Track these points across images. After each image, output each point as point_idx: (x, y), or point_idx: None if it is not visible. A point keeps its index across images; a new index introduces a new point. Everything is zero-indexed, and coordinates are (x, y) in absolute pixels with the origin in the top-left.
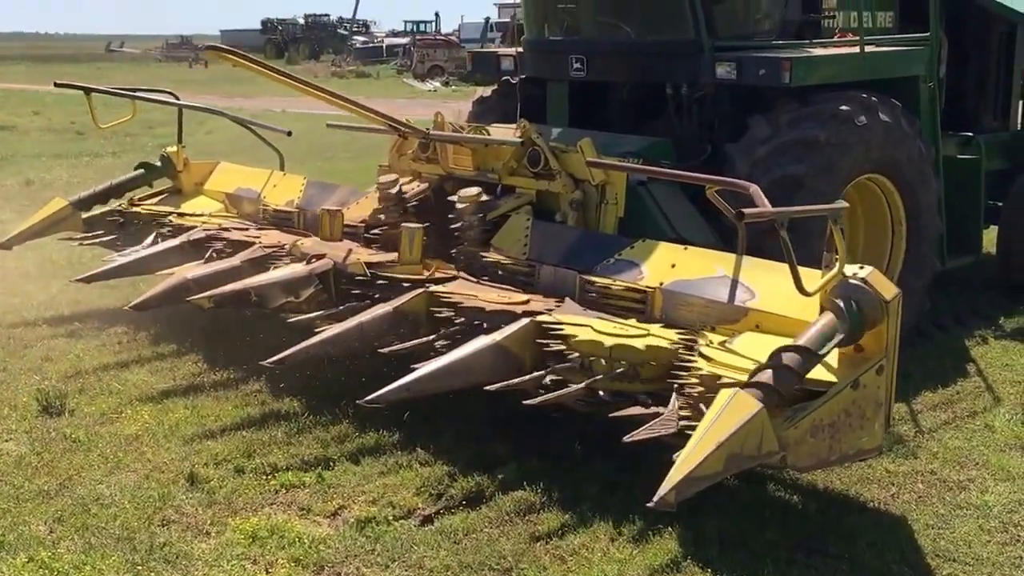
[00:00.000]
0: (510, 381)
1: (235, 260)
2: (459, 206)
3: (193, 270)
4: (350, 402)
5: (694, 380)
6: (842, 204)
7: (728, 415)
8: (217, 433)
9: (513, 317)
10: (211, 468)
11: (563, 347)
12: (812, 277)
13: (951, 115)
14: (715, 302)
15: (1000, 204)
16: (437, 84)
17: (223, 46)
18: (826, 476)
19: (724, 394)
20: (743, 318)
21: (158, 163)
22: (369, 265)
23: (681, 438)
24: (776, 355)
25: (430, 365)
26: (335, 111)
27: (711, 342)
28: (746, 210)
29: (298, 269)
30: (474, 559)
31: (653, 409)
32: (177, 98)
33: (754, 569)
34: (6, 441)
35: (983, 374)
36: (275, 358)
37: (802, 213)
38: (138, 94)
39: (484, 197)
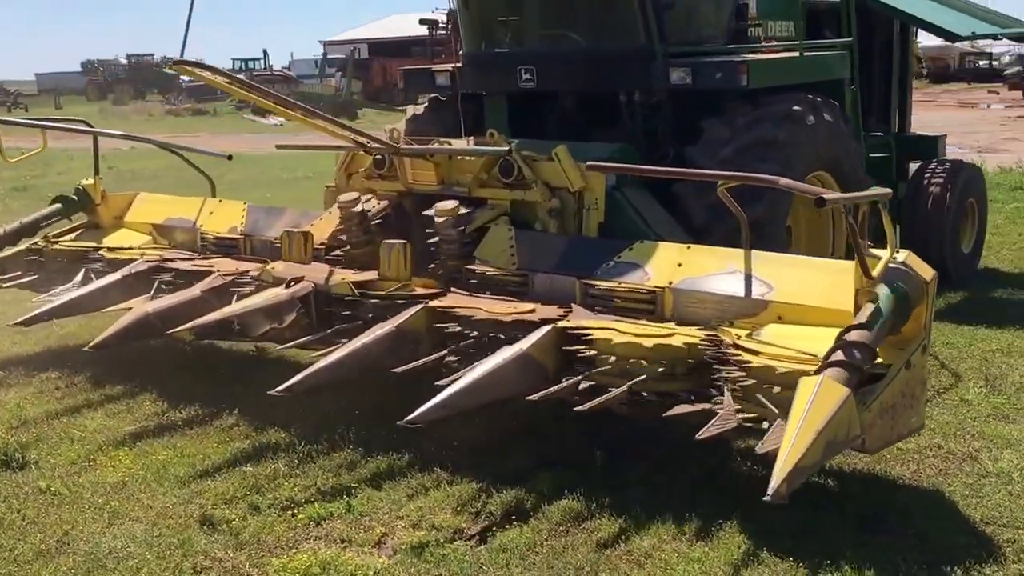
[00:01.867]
0: (550, 389)
1: (195, 291)
2: (437, 220)
3: (152, 304)
4: (343, 428)
5: (743, 374)
6: (887, 190)
7: (820, 403)
8: (212, 472)
9: (533, 326)
10: (222, 508)
11: (594, 352)
12: (842, 265)
13: None
14: (733, 297)
15: None
16: (281, 120)
17: (190, 60)
18: (846, 460)
19: (808, 382)
20: (763, 311)
21: (74, 197)
22: (356, 285)
23: (740, 432)
24: (843, 339)
25: (463, 380)
26: (242, 145)
27: (740, 336)
28: (827, 196)
29: (279, 294)
30: (552, 573)
31: (700, 406)
32: (91, 127)
33: (833, 553)
34: None
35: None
36: (283, 387)
37: (861, 199)
38: (50, 124)
39: (462, 210)
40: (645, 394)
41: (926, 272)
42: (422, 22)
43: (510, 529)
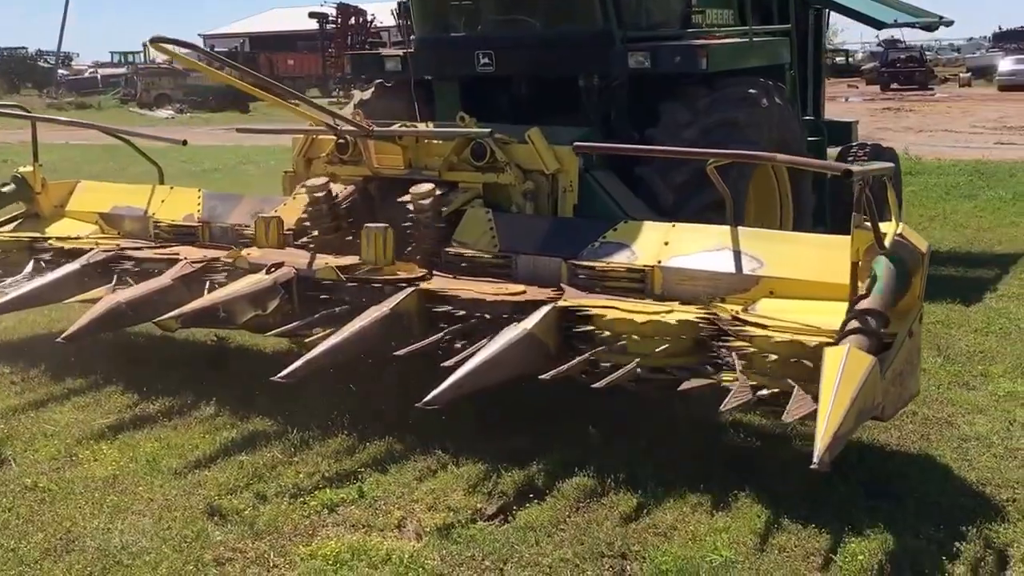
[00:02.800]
0: (562, 368)
1: (165, 279)
2: (413, 203)
3: (123, 293)
4: (334, 414)
5: (752, 346)
6: (891, 164)
7: (849, 372)
8: (206, 462)
9: (534, 306)
10: (228, 499)
11: (600, 330)
12: (839, 241)
13: None
14: (724, 274)
15: None
16: (172, 112)
17: (168, 37)
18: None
19: (834, 353)
20: (755, 286)
21: (12, 185)
22: (342, 270)
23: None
24: (859, 309)
25: (474, 361)
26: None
27: (740, 311)
28: (854, 168)
29: (262, 280)
30: (584, 549)
31: (707, 380)
32: (28, 111)
33: (849, 520)
34: None
35: None
36: (285, 372)
37: (877, 172)
38: None
39: (438, 193)
40: (650, 370)
41: (921, 243)
42: (312, 15)
43: (529, 507)
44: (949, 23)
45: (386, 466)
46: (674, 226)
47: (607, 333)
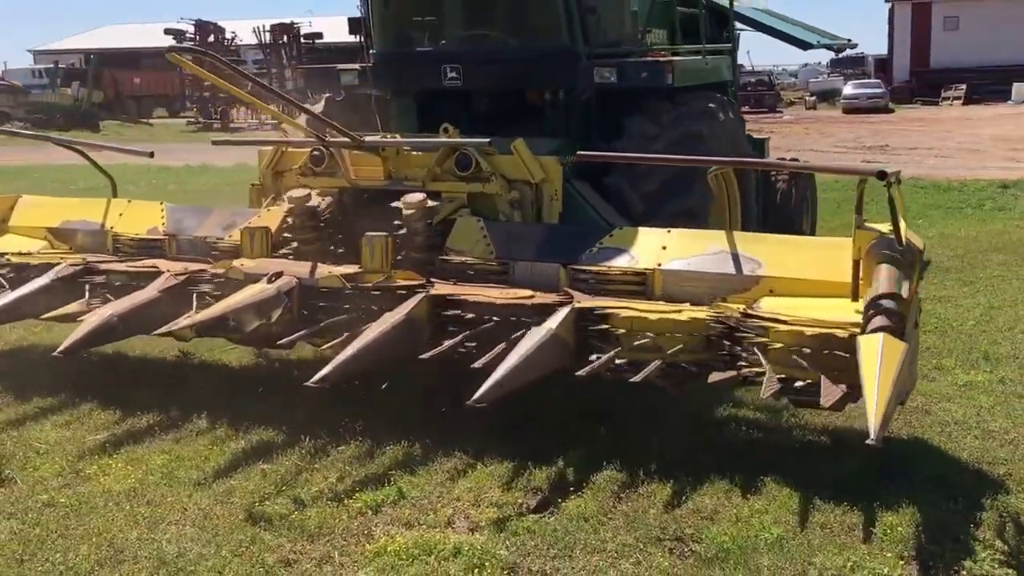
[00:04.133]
0: (594, 364)
1: (151, 291)
2: (406, 213)
3: (113, 306)
4: (343, 421)
5: (781, 342)
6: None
7: (887, 358)
8: (225, 472)
9: (553, 308)
10: (265, 505)
11: (621, 329)
12: (844, 245)
13: None
14: (724, 275)
15: None
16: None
17: (186, 46)
18: (822, 420)
19: (870, 341)
20: (755, 286)
21: None
22: (347, 278)
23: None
24: (875, 302)
25: (510, 360)
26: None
27: (746, 309)
28: (888, 170)
29: (265, 289)
30: (642, 535)
31: (729, 373)
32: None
33: (872, 497)
34: None
35: None
36: (317, 377)
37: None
38: None
39: (430, 203)
40: (667, 365)
41: (918, 241)
42: (168, 32)
43: (570, 500)
44: (853, 46)
45: (414, 468)
46: (670, 231)
47: (623, 331)
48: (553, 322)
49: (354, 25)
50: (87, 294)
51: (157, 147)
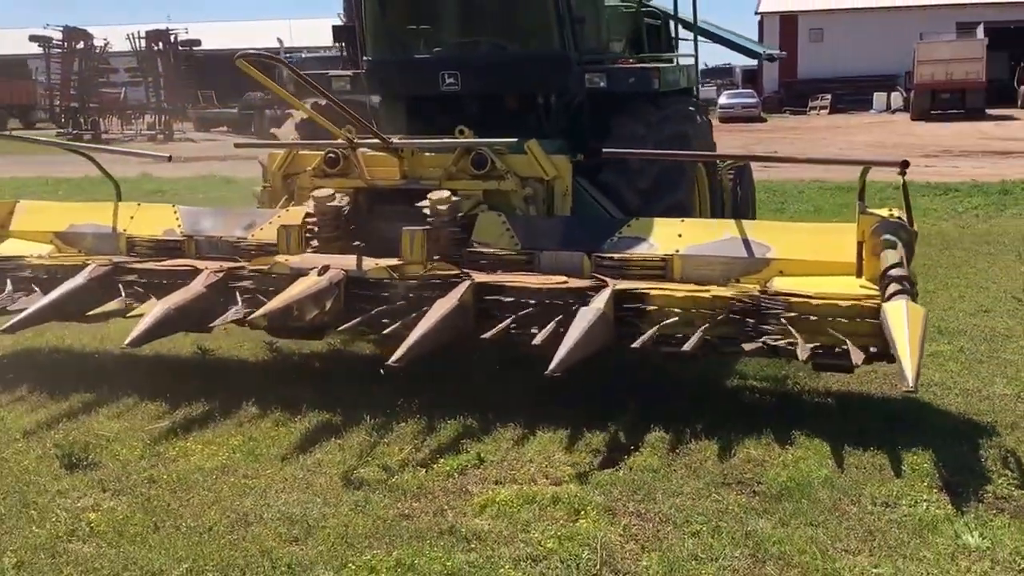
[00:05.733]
0: (643, 338)
1: (198, 287)
2: (436, 208)
3: (170, 300)
4: (402, 401)
5: (809, 313)
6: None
7: (913, 321)
8: (303, 449)
9: (594, 290)
10: (359, 472)
11: (656, 307)
12: (845, 229)
13: None
14: (738, 258)
15: None
16: None
17: (255, 51)
18: (826, 383)
19: (895, 307)
20: (766, 268)
21: None
22: (392, 269)
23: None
24: (888, 274)
25: (572, 337)
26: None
27: (764, 288)
28: (908, 161)
29: (319, 281)
30: (709, 480)
31: (755, 344)
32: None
33: (889, 443)
34: (105, 494)
35: None
36: (394, 357)
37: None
38: None
39: (455, 199)
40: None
41: (914, 225)
42: (33, 39)
43: (631, 458)
44: (783, 56)
45: (479, 437)
46: (683, 221)
47: (659, 309)
48: (600, 302)
49: (338, 33)
50: (123, 293)
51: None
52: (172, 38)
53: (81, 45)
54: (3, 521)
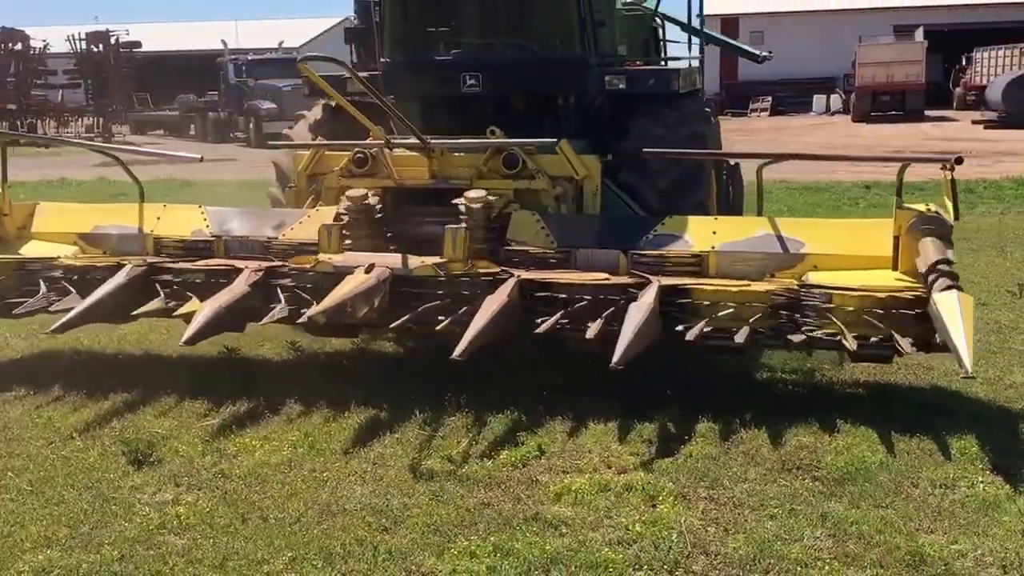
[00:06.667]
0: (695, 330)
1: (241, 286)
2: (473, 207)
3: (220, 298)
4: (434, 396)
5: (851, 306)
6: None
7: (965, 308)
8: (364, 443)
9: (640, 286)
10: (428, 464)
11: (706, 301)
12: (878, 224)
13: None
14: (773, 254)
15: None
16: None
17: (319, 54)
18: (855, 373)
19: (947, 298)
20: (800, 263)
21: None
22: (439, 267)
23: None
24: (936, 267)
25: (629, 329)
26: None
27: (802, 283)
28: (962, 156)
29: (368, 279)
30: (771, 466)
31: (798, 336)
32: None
33: (931, 429)
34: (180, 488)
35: None
36: (458, 351)
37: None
38: None
39: (490, 199)
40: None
41: (949, 218)
42: None
43: (687, 447)
44: (770, 58)
45: (533, 429)
46: (716, 218)
47: (716, 304)
48: (649, 297)
49: (350, 35)
50: (160, 293)
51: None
52: (113, 39)
53: (20, 47)
54: (88, 516)
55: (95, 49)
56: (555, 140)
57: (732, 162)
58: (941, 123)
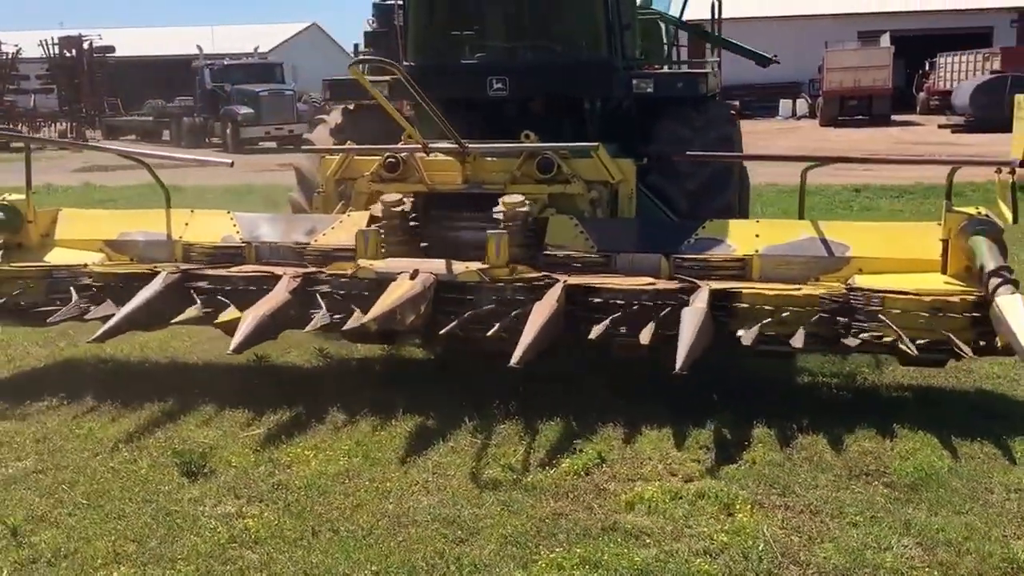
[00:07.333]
0: (751, 332)
1: (282, 293)
2: (511, 212)
3: (263, 306)
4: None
5: (905, 309)
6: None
7: None
8: (418, 451)
9: (691, 290)
10: (490, 473)
11: (763, 306)
12: (923, 227)
13: None
14: (818, 257)
15: None
16: None
17: (373, 57)
18: (897, 376)
19: (1009, 301)
20: (845, 266)
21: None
22: (483, 272)
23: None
24: (997, 271)
25: (688, 334)
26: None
27: (849, 286)
28: (1018, 161)
29: (415, 285)
30: (838, 473)
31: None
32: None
33: (992, 435)
34: (240, 500)
35: None
36: (516, 359)
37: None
38: None
39: (527, 204)
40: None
41: (1005, 221)
42: None
43: (747, 453)
44: (777, 62)
45: (588, 437)
46: (758, 221)
47: (769, 308)
48: (702, 301)
49: (369, 38)
50: (197, 300)
51: None
52: (86, 45)
53: None
54: (153, 531)
55: (68, 54)
56: (596, 144)
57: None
58: (908, 127)
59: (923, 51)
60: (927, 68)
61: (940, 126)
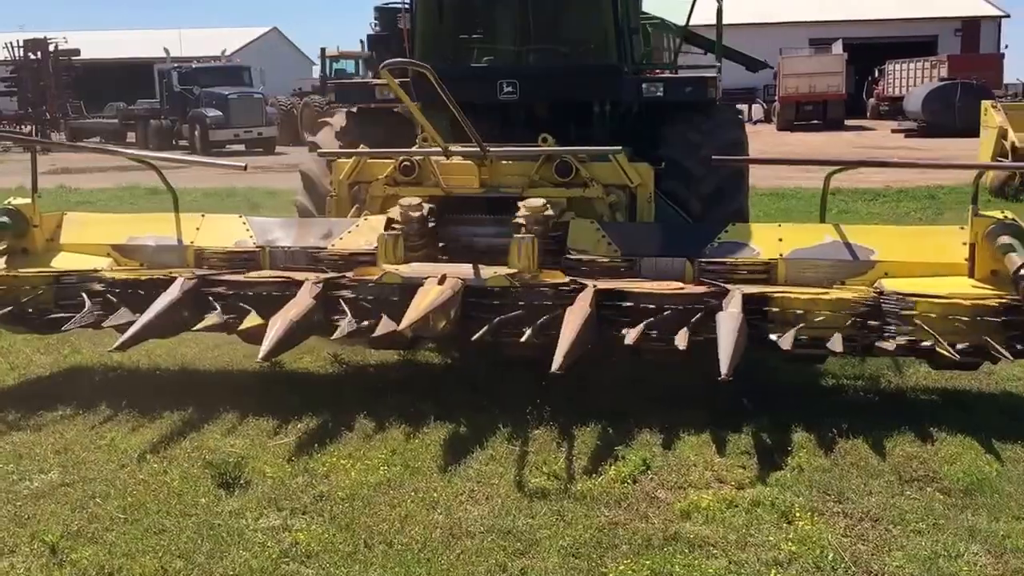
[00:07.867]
0: (788, 336)
1: (306, 298)
2: (533, 216)
3: (290, 312)
4: (530, 410)
5: (940, 313)
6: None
7: None
8: (457, 460)
9: (719, 295)
10: (535, 482)
11: (798, 310)
12: (949, 231)
13: None
14: (843, 261)
15: None
16: None
17: (403, 60)
18: (921, 379)
19: None
20: (871, 270)
21: (4, 218)
22: (511, 277)
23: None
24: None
25: (726, 339)
26: None
27: (883, 290)
28: None
29: (444, 290)
30: (888, 478)
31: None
32: (36, 135)
33: (1015, 433)
34: (282, 512)
35: None
36: (555, 366)
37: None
38: None
39: (549, 208)
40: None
41: None
42: None
43: (792, 458)
44: (768, 66)
45: (628, 443)
46: (780, 225)
47: (803, 312)
48: (736, 306)
49: (372, 41)
50: (216, 306)
51: None
52: (51, 47)
53: None
54: (198, 546)
55: (32, 57)
56: (619, 148)
57: None
58: (861, 132)
59: (871, 58)
60: (876, 75)
61: (893, 131)
